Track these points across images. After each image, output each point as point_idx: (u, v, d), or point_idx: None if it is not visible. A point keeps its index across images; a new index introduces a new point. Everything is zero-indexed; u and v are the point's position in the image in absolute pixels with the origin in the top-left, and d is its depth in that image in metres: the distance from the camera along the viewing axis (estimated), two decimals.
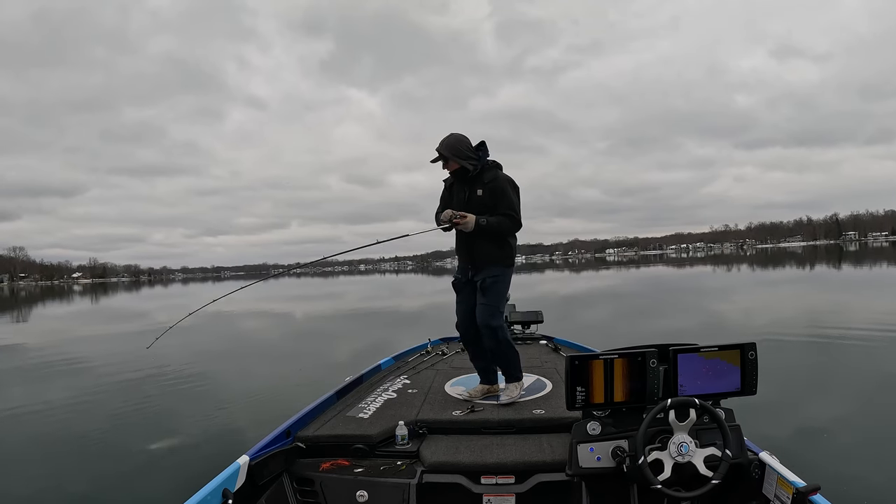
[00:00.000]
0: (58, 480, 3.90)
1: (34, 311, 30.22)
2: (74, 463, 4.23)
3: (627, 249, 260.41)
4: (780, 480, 2.11)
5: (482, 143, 3.23)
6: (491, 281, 3.14)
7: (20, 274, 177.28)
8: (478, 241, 3.16)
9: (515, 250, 3.28)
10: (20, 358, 11.20)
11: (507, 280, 3.25)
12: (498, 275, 3.17)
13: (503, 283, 3.20)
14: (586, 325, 12.12)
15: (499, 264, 3.18)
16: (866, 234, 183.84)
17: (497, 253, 3.18)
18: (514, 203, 3.16)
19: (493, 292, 3.14)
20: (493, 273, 3.16)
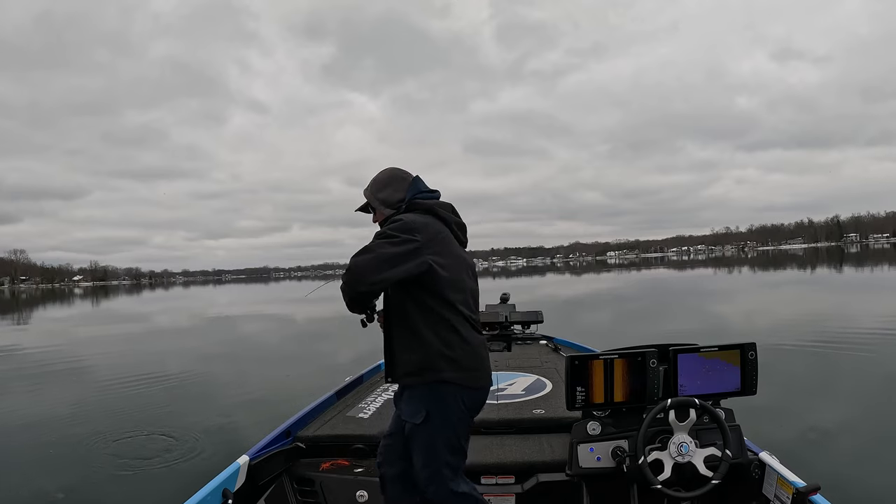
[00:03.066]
0: (57, 480, 3.90)
1: (35, 313, 30.24)
2: (74, 463, 4.23)
3: (628, 252, 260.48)
4: (780, 480, 2.10)
5: (416, 178, 2.13)
6: (410, 426, 1.97)
7: (21, 277, 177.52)
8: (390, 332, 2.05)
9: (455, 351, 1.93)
10: (22, 358, 11.20)
11: (441, 416, 1.93)
12: (416, 402, 1.96)
13: (430, 424, 1.93)
14: (587, 326, 12.11)
15: (413, 375, 1.96)
16: (867, 235, 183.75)
17: (408, 356, 1.97)
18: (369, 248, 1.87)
19: (419, 444, 1.97)
20: (410, 398, 1.99)
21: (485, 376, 2.07)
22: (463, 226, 2.16)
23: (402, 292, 1.96)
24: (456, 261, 2.01)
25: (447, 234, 2.03)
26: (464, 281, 2.04)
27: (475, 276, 2.18)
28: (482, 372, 2.06)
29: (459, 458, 2.03)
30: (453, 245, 2.05)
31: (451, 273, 1.96)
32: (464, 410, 1.99)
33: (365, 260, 1.83)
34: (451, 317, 1.94)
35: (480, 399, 2.08)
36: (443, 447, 1.95)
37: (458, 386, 1.94)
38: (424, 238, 1.91)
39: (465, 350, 1.96)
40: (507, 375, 3.66)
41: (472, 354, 2.00)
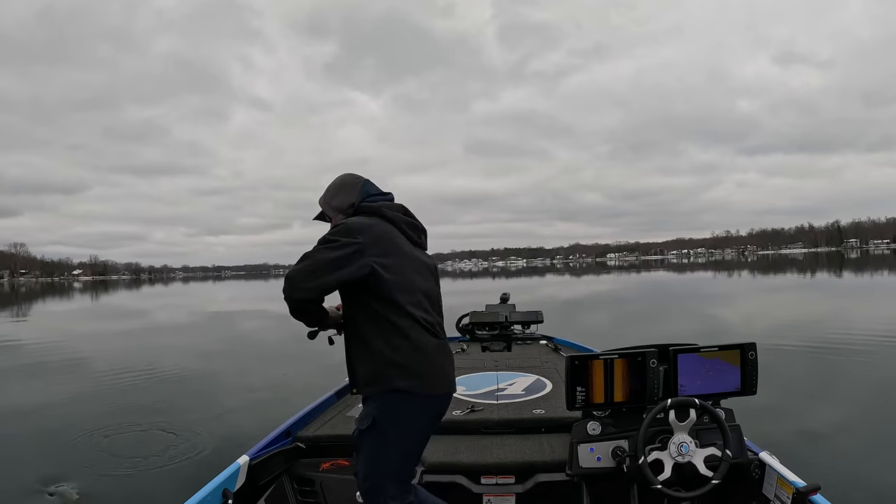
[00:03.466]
0: (56, 480, 3.89)
1: (34, 307, 30.25)
2: (73, 462, 4.22)
3: (629, 254, 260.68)
4: (781, 480, 2.11)
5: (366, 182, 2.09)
6: (356, 432, 1.93)
7: (21, 270, 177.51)
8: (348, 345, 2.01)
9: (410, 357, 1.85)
10: (19, 352, 11.21)
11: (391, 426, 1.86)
12: (367, 411, 1.91)
13: (376, 433, 1.87)
14: (587, 327, 12.12)
15: (368, 385, 1.90)
16: (867, 241, 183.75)
17: (362, 367, 1.92)
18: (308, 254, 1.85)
19: (363, 453, 1.91)
20: (364, 408, 1.93)
21: (441, 382, 1.95)
22: (416, 226, 2.07)
23: (352, 303, 1.92)
24: (405, 261, 1.93)
25: (395, 235, 1.95)
26: (414, 282, 1.93)
27: (435, 276, 2.10)
28: (438, 378, 1.93)
29: (407, 471, 1.96)
30: (402, 245, 1.96)
31: (398, 275, 1.88)
32: (419, 419, 1.91)
33: (301, 266, 1.81)
34: (399, 321, 1.86)
35: (439, 406, 1.99)
36: (389, 459, 1.88)
37: (409, 394, 1.85)
38: (367, 239, 1.85)
39: (415, 356, 1.86)
40: (507, 375, 3.66)
41: (424, 359, 1.88)
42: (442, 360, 1.97)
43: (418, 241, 2.07)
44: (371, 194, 2.05)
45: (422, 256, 2.06)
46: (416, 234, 2.05)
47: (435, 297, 2.05)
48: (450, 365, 2.02)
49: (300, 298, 1.81)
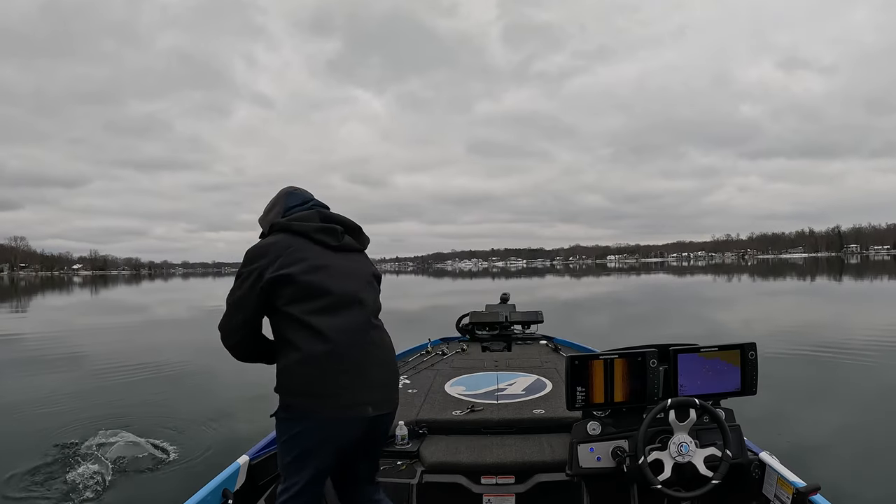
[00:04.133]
0: (54, 478, 3.87)
1: (33, 301, 30.25)
2: (72, 462, 4.21)
3: (629, 256, 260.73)
4: (781, 480, 2.12)
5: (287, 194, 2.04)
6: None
7: (20, 264, 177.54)
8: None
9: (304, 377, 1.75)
10: (21, 349, 11.21)
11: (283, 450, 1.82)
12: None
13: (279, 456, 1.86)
14: (587, 328, 12.13)
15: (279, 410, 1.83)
16: (868, 247, 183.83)
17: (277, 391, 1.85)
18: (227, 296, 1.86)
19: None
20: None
21: (332, 401, 1.72)
22: (331, 229, 1.91)
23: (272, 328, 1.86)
24: (310, 268, 1.79)
25: (300, 246, 1.83)
26: (323, 284, 1.79)
27: (360, 275, 1.93)
28: (328, 398, 1.72)
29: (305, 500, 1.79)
30: (308, 254, 1.82)
31: (297, 284, 1.76)
32: (312, 442, 1.73)
33: (224, 314, 1.84)
34: (293, 336, 1.76)
35: (336, 429, 1.74)
36: (286, 488, 1.79)
37: (295, 413, 1.75)
38: (265, 262, 1.78)
39: (303, 370, 1.73)
40: (507, 375, 3.66)
41: (311, 375, 1.72)
42: (339, 367, 1.73)
43: (339, 245, 1.91)
44: (290, 207, 1.97)
45: (338, 260, 1.88)
46: (333, 238, 1.90)
47: (357, 298, 1.85)
48: (351, 374, 1.75)
49: (231, 345, 1.86)
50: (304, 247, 1.83)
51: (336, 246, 1.90)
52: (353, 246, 1.98)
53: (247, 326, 1.83)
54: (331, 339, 1.74)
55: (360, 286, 1.89)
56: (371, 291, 1.94)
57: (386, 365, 1.87)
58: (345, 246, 1.94)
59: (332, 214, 1.98)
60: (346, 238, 1.95)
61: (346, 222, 1.98)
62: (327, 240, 1.89)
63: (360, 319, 1.83)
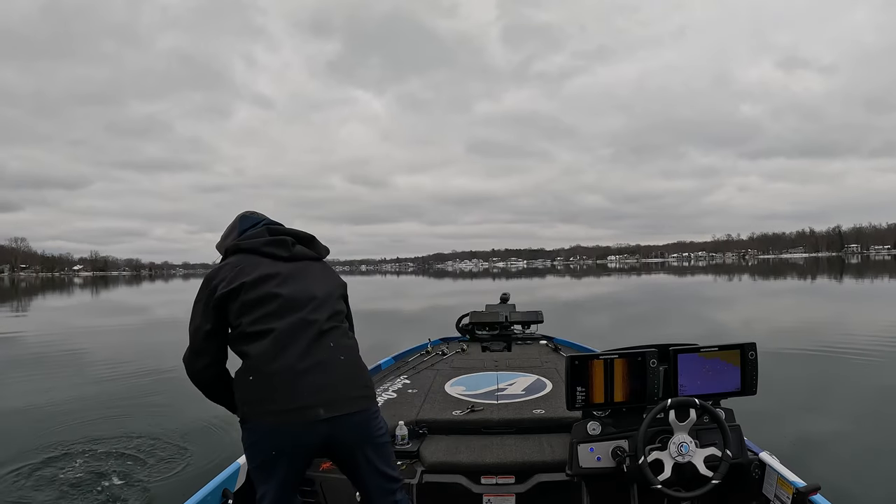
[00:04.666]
0: (52, 477, 3.88)
1: (33, 302, 30.26)
2: (71, 462, 4.21)
3: (629, 257, 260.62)
4: (781, 480, 2.12)
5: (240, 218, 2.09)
6: None
7: (21, 265, 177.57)
8: None
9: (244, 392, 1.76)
10: (21, 348, 11.21)
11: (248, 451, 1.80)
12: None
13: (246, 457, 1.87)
14: (587, 328, 12.13)
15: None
16: (868, 246, 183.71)
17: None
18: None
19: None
20: None
21: (275, 407, 1.69)
22: (280, 241, 1.94)
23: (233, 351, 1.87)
24: (257, 279, 1.81)
25: (248, 261, 1.87)
26: (270, 291, 1.80)
27: (319, 281, 1.93)
28: (271, 404, 1.69)
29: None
30: (256, 267, 1.85)
31: (249, 292, 1.79)
32: (267, 451, 1.71)
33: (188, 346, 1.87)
34: (242, 346, 1.79)
35: (286, 436, 1.70)
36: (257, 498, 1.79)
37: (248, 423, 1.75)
38: (217, 280, 1.83)
39: (249, 378, 1.74)
40: (507, 375, 3.66)
41: (255, 382, 1.72)
42: (281, 378, 1.70)
43: (289, 255, 1.93)
44: (244, 230, 2.02)
45: (289, 268, 1.89)
46: (282, 249, 1.93)
47: (300, 302, 1.82)
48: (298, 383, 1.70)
49: (195, 372, 1.89)
50: (253, 261, 1.88)
51: (286, 256, 1.93)
52: (305, 255, 1.99)
53: (208, 353, 1.85)
54: (274, 345, 1.73)
55: (311, 290, 1.87)
56: (327, 295, 1.91)
57: (340, 366, 1.79)
58: (296, 255, 1.95)
59: (282, 228, 2.02)
60: (298, 248, 1.97)
61: (298, 234, 2.02)
62: (276, 251, 1.92)
63: (310, 322, 1.79)
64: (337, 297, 1.96)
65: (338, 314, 1.91)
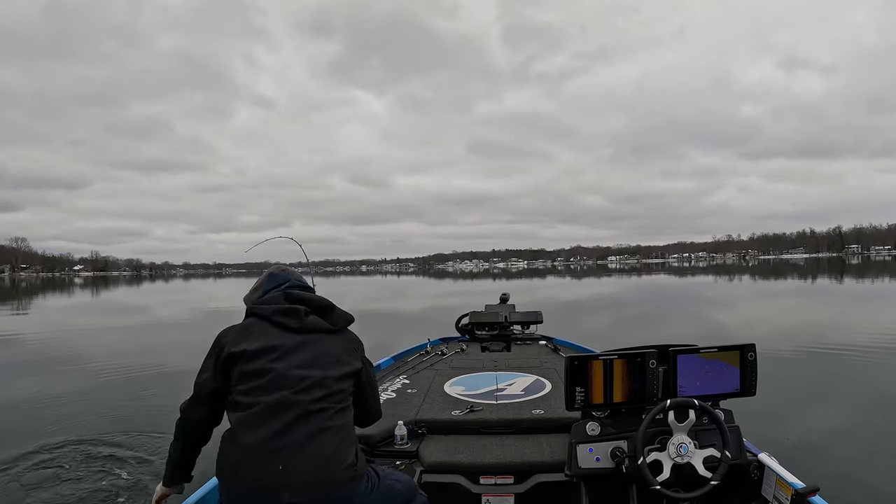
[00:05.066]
0: (55, 479, 3.87)
1: (34, 301, 30.27)
2: (72, 462, 4.21)
3: (629, 257, 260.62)
4: (779, 482, 2.12)
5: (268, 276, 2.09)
6: None
7: (21, 265, 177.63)
8: None
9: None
10: (20, 349, 11.21)
11: None
12: None
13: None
14: (587, 329, 12.12)
15: None
16: (869, 247, 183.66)
17: None
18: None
19: None
20: None
21: (240, 482, 1.68)
22: (293, 310, 1.87)
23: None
24: (265, 346, 1.79)
25: (260, 326, 1.86)
26: (267, 365, 1.76)
27: (326, 356, 1.84)
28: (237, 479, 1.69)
29: None
30: (266, 333, 1.83)
31: (249, 361, 1.78)
32: None
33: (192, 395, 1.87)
34: (230, 415, 1.80)
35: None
36: None
37: (223, 491, 1.74)
38: (227, 339, 1.84)
39: (227, 449, 1.73)
40: (507, 376, 3.66)
41: (230, 454, 1.72)
42: (253, 454, 1.67)
43: (299, 326, 1.86)
44: (268, 290, 1.99)
45: (296, 340, 1.83)
46: (293, 319, 1.86)
47: (296, 378, 1.76)
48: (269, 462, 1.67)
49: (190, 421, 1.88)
50: (261, 329, 1.85)
51: (296, 328, 1.85)
52: (318, 326, 1.88)
53: (206, 408, 1.84)
54: (256, 419, 1.70)
55: (309, 367, 1.79)
56: (325, 374, 1.80)
57: (316, 450, 1.70)
58: (307, 327, 1.86)
59: (301, 294, 1.94)
60: (311, 318, 1.88)
61: (315, 301, 1.93)
62: (286, 321, 1.86)
63: (294, 402, 1.72)
64: (339, 377, 1.84)
65: (334, 395, 1.80)
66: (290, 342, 1.82)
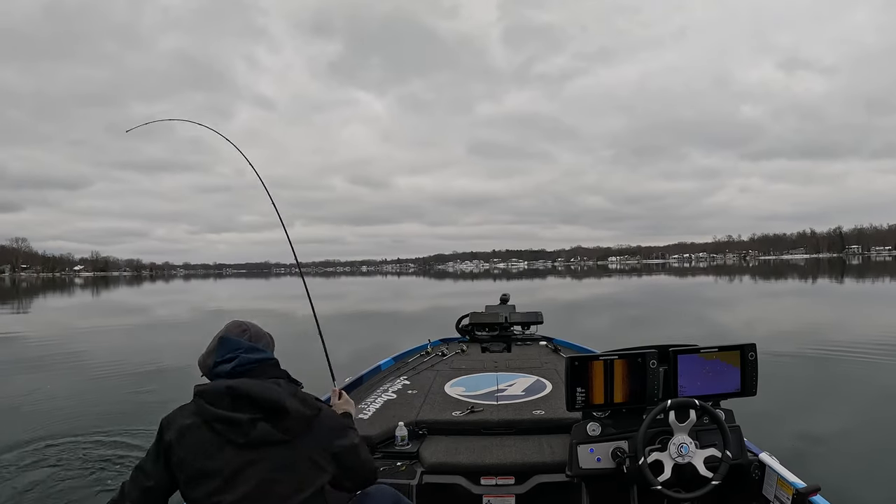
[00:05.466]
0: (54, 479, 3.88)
1: (34, 302, 30.29)
2: (72, 461, 4.22)
3: (630, 258, 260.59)
4: (781, 481, 2.12)
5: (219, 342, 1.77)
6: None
7: (22, 265, 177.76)
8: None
9: None
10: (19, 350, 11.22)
11: None
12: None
13: None
14: (587, 329, 12.12)
15: None
16: (869, 248, 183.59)
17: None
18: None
19: None
20: None
21: None
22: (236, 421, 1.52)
23: None
24: (203, 470, 1.51)
25: (199, 435, 1.54)
26: (208, 474, 1.50)
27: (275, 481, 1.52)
28: None
29: None
30: (204, 448, 1.53)
31: (188, 487, 1.53)
32: None
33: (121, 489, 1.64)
34: None
35: None
36: None
37: None
38: (170, 432, 1.58)
39: None
40: (507, 376, 3.66)
41: None
42: None
43: (244, 441, 1.52)
44: (218, 362, 1.69)
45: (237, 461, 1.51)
46: (237, 433, 1.52)
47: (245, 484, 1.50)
48: None
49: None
50: (200, 439, 1.54)
51: (241, 443, 1.51)
52: (269, 439, 1.53)
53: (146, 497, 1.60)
54: None
55: (266, 498, 1.50)
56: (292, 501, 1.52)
57: None
58: (253, 442, 1.52)
59: (249, 388, 1.56)
60: (260, 429, 1.52)
61: (266, 400, 1.55)
62: (230, 435, 1.52)
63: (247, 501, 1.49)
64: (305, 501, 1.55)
65: None
66: (235, 463, 1.50)
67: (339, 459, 1.65)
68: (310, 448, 1.59)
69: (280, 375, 1.69)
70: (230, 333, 1.78)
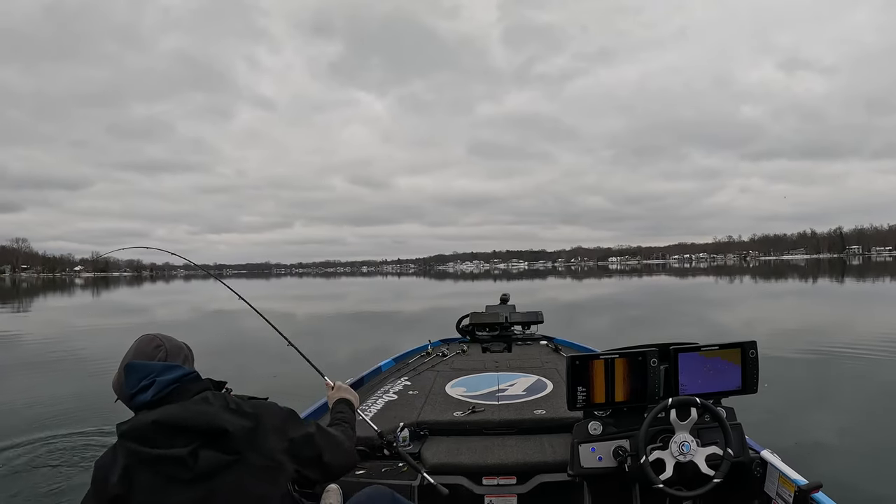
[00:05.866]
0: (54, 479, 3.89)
1: (35, 302, 30.29)
2: (72, 461, 4.22)
3: (630, 258, 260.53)
4: (782, 479, 2.12)
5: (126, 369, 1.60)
6: None
7: (22, 265, 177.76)
8: None
9: None
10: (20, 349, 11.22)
11: None
12: None
13: None
14: (588, 329, 12.13)
15: None
16: (870, 248, 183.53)
17: None
18: None
19: None
20: None
21: None
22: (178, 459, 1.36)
23: None
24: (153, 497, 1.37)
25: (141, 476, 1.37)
26: None
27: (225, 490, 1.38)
28: None
29: None
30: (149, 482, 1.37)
31: None
32: None
33: None
34: None
35: None
36: None
37: None
38: (102, 478, 1.40)
39: None
40: (508, 376, 3.66)
41: None
42: None
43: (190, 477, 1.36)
44: (132, 394, 1.49)
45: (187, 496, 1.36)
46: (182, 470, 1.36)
47: None
48: None
49: None
50: (146, 484, 1.38)
51: (190, 479, 1.37)
52: (217, 464, 1.39)
53: None
54: None
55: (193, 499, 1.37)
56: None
57: None
58: (202, 473, 1.37)
59: (176, 415, 1.41)
60: (203, 456, 1.38)
61: (201, 428, 1.40)
62: (175, 473, 1.37)
63: None
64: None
65: None
66: (187, 498, 1.36)
67: (294, 454, 1.57)
68: (262, 455, 1.47)
69: (204, 388, 1.54)
70: (141, 352, 1.60)
